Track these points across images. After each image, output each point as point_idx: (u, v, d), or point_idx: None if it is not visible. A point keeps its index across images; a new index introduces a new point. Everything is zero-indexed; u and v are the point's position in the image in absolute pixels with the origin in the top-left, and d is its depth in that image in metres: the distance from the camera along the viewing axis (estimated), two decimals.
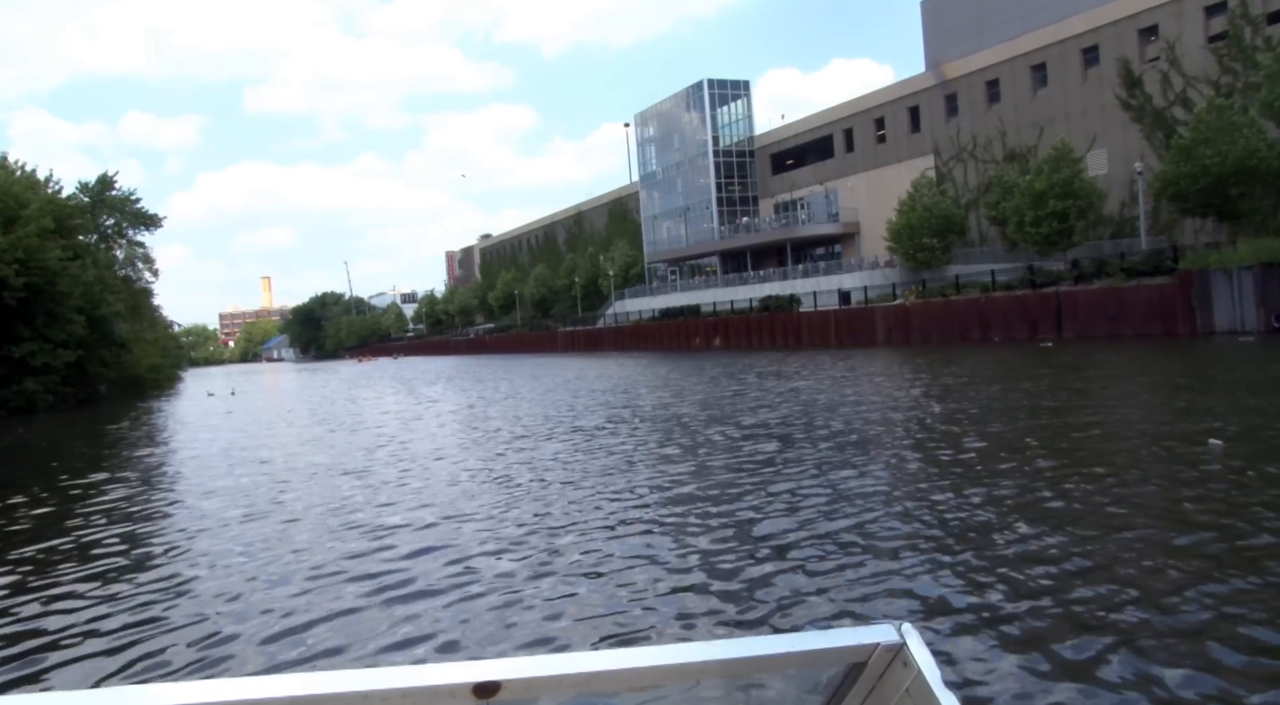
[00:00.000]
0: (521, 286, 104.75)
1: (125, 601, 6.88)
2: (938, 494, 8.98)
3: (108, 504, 11.84)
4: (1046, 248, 43.55)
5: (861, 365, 31.81)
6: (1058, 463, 10.29)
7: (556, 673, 1.12)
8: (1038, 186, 42.75)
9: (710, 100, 74.86)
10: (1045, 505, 8.15)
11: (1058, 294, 38.96)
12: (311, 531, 9.11)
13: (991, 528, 7.52)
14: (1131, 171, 46.18)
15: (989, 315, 41.98)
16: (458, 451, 15.24)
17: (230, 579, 7.40)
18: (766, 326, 56.74)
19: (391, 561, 7.54)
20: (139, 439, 23.33)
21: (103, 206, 48.86)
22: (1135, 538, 6.97)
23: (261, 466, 15.11)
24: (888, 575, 6.35)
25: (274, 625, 6.02)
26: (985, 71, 54.56)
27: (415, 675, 1.06)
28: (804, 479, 10.21)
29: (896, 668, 1.29)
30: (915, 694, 1.26)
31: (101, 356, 43.59)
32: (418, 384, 41.42)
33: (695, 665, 1.20)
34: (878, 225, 61.12)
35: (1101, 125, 47.62)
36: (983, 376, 23.70)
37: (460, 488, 11.30)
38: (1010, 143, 53.00)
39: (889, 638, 1.28)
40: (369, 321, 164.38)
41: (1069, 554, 6.56)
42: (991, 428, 13.51)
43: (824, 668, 1.36)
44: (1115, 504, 8.10)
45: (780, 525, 8.02)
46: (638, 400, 23.13)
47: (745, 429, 15.17)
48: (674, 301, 71.99)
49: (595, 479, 11.21)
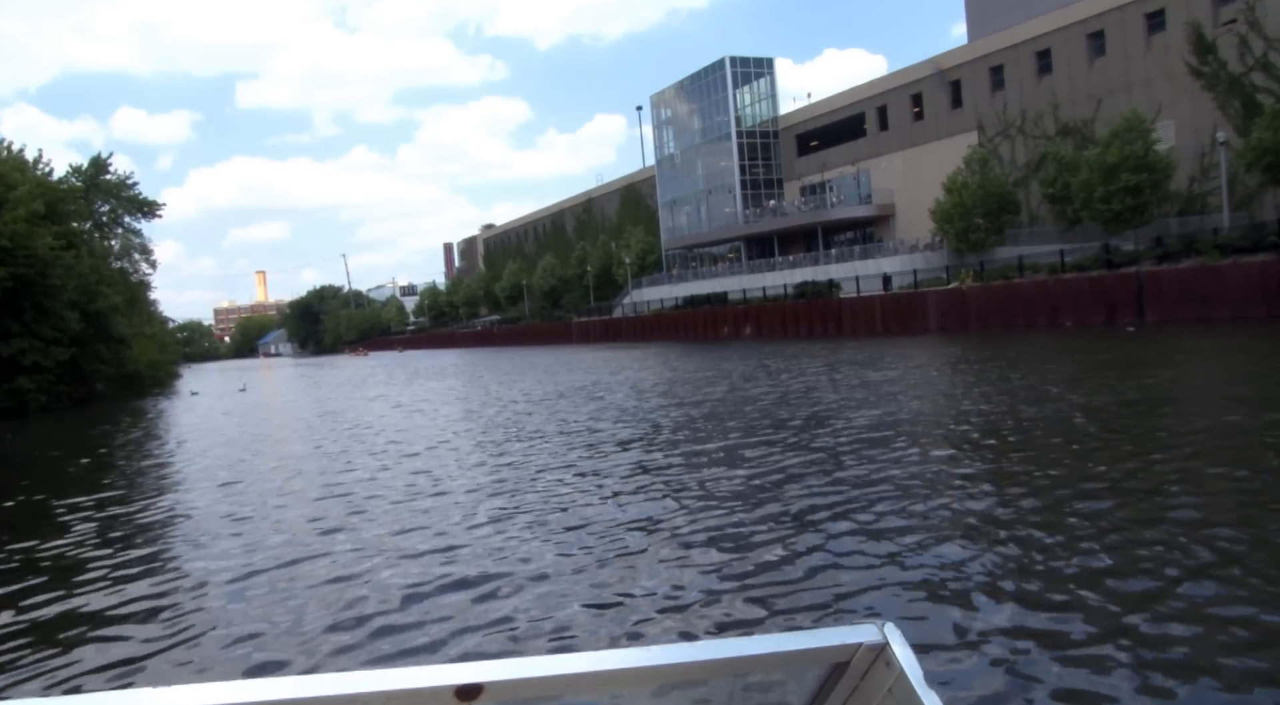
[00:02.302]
0: (529, 277, 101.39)
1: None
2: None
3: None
4: (1117, 225, 40.37)
5: (942, 354, 28.68)
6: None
7: (539, 675, 1.10)
8: (1109, 160, 39.59)
9: (732, 79, 71.39)
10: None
11: (1139, 274, 35.79)
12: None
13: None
14: (1201, 144, 43.19)
15: (1059, 298, 38.79)
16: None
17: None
18: (803, 314, 53.49)
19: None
20: (136, 456, 20.08)
21: (97, 191, 45.40)
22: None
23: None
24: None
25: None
26: (1035, 41, 51.25)
27: (396, 678, 1.03)
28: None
29: (879, 667, 1.26)
30: (898, 694, 1.23)
31: (98, 353, 40.46)
32: (461, 387, 38.24)
33: (678, 666, 1.18)
34: (915, 206, 58.02)
35: (1168, 95, 44.37)
36: (1107, 365, 20.53)
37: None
38: (1064, 116, 49.76)
39: (872, 637, 1.25)
40: (368, 315, 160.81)
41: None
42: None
43: (807, 668, 1.33)
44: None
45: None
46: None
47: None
48: (697, 289, 68.58)
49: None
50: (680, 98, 78.74)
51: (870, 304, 49.03)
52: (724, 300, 62.43)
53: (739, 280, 64.98)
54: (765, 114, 72.06)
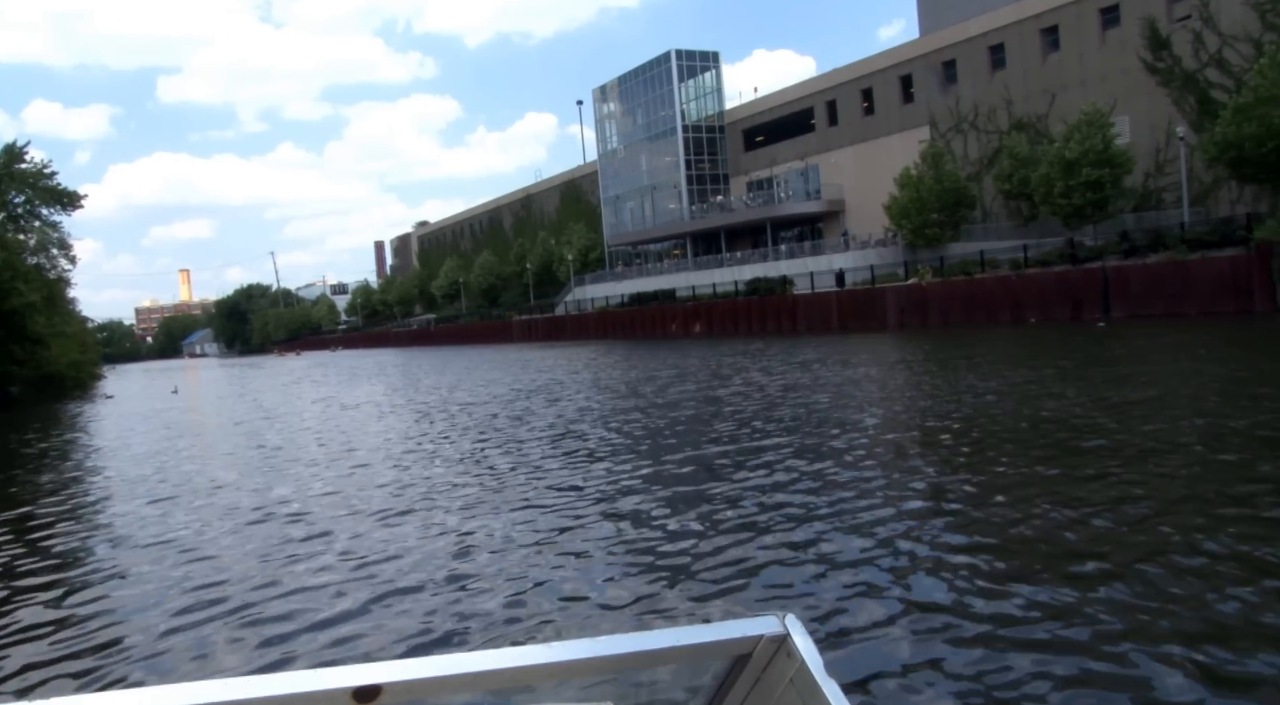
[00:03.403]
0: (466, 275, 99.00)
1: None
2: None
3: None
4: (1077, 221, 40.06)
5: (913, 351, 27.69)
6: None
7: (439, 674, 1.09)
8: (1069, 155, 39.20)
9: (678, 72, 70.18)
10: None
11: (1105, 269, 35.36)
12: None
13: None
14: (1156, 140, 43.17)
15: (1022, 294, 38.24)
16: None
17: None
18: (755, 311, 52.42)
19: None
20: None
21: (11, 181, 42.26)
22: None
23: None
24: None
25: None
26: (988, 36, 50.95)
27: (291, 682, 1.02)
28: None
29: (781, 658, 1.28)
30: (799, 684, 1.25)
31: (12, 354, 37.55)
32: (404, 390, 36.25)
33: (579, 662, 1.17)
34: (867, 202, 57.44)
35: (1123, 91, 44.24)
36: (1101, 360, 19.62)
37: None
38: (1017, 112, 49.51)
39: (773, 629, 1.27)
40: (298, 314, 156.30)
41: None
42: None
43: (709, 660, 1.34)
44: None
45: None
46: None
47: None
48: (643, 286, 67.11)
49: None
50: (623, 92, 77.28)
51: (826, 301, 48.16)
52: (672, 297, 61.11)
53: (686, 277, 63.72)
54: (711, 108, 71.02)
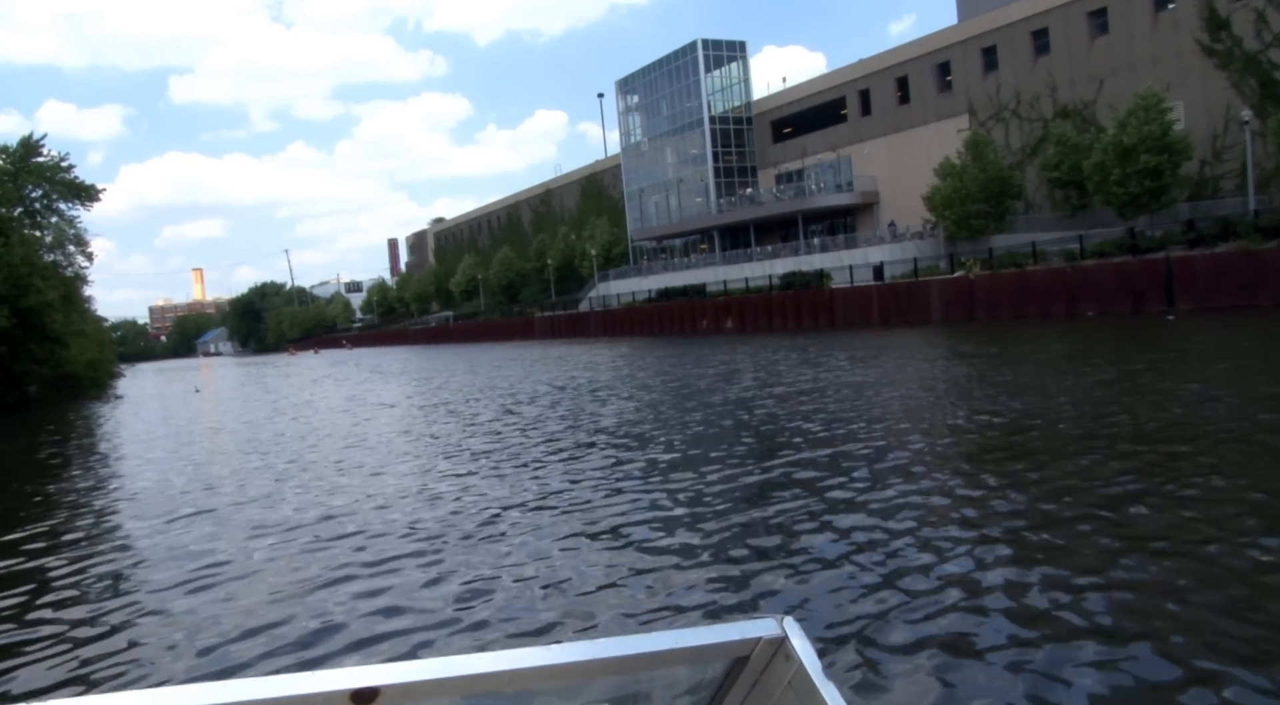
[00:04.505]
0: (485, 271, 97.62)
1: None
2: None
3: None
4: (1132, 210, 38.39)
5: (978, 345, 26.14)
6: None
7: (437, 676, 1.08)
8: (1126, 141, 37.54)
9: (704, 62, 68.55)
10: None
11: (1169, 260, 33.72)
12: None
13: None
14: (1213, 125, 41.50)
15: (1078, 287, 36.60)
16: None
17: None
18: (791, 306, 50.83)
19: None
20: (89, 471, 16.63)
21: (28, 176, 40.97)
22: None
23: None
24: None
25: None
26: (1030, 20, 49.24)
27: (289, 684, 1.02)
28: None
29: (779, 661, 1.28)
30: (797, 686, 1.25)
31: (30, 353, 36.34)
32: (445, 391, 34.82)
33: (579, 664, 1.18)
34: (900, 194, 55.92)
35: (1177, 74, 42.50)
36: (1194, 355, 18.05)
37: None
38: (1062, 98, 47.81)
39: (771, 631, 1.27)
40: (313, 312, 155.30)
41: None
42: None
43: (709, 663, 1.33)
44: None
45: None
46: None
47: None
48: (670, 281, 65.45)
49: None
50: (647, 83, 75.71)
51: (865, 295, 46.56)
52: (702, 292, 59.51)
53: (714, 272, 62.17)
54: (738, 99, 69.41)
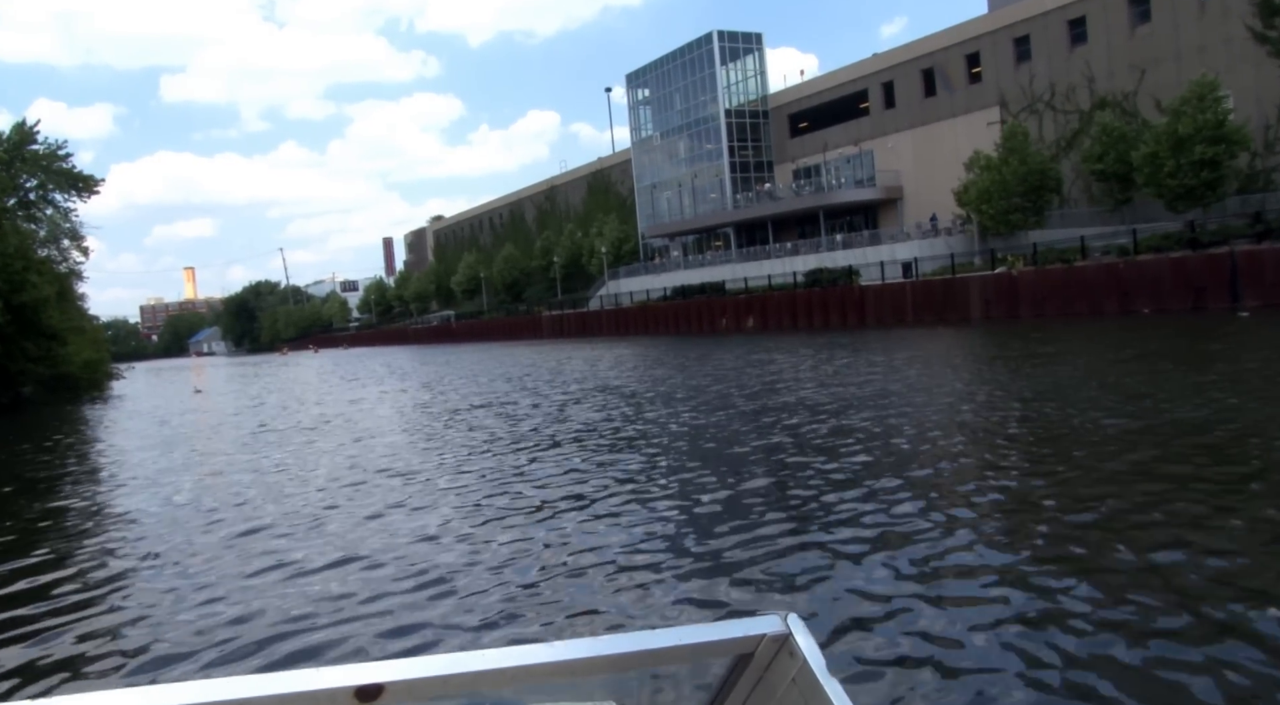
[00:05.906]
0: (487, 269, 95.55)
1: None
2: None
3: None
4: (1185, 203, 36.66)
5: (1041, 345, 24.29)
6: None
7: (441, 673, 1.08)
8: (1181, 130, 35.81)
9: (720, 54, 66.65)
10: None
11: (1233, 254, 31.96)
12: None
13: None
14: (1266, 116, 39.83)
15: (1131, 283, 34.82)
16: None
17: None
18: (817, 303, 48.93)
19: None
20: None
21: (22, 164, 38.83)
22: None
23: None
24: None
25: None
26: (1066, 9, 47.50)
27: (294, 680, 1.02)
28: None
29: (783, 658, 1.28)
30: (801, 683, 1.24)
31: (26, 351, 34.29)
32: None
33: (582, 661, 1.18)
34: (926, 188, 54.19)
35: (1225, 63, 40.74)
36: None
37: None
38: (1100, 89, 46.06)
39: (775, 628, 1.27)
40: (309, 311, 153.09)
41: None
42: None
43: (712, 660, 1.33)
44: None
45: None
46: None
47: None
48: (684, 278, 63.48)
49: None
50: (660, 76, 73.77)
51: (898, 292, 44.73)
52: (721, 290, 57.60)
53: (730, 269, 60.28)
54: (754, 92, 67.54)
